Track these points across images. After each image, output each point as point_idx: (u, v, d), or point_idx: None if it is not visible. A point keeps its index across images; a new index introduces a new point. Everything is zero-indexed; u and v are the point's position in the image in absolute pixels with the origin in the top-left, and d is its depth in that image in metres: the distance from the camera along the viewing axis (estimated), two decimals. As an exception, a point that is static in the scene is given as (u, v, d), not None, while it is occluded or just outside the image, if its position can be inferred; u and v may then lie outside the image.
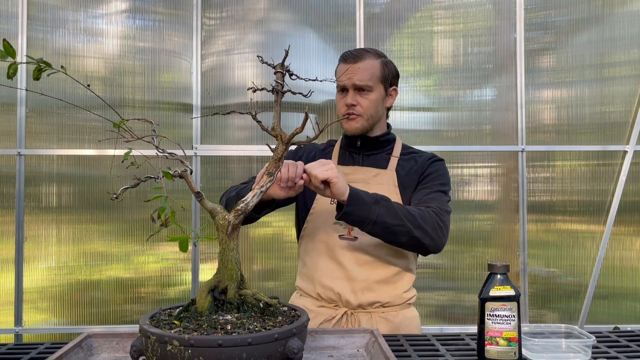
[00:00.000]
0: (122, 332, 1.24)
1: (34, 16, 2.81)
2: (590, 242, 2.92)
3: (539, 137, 2.93)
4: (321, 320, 1.64)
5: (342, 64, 1.71)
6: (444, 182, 1.70)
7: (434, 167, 1.72)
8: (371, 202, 1.47)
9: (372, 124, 1.71)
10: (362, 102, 1.67)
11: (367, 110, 1.68)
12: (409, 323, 1.68)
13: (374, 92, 1.69)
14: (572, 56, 2.93)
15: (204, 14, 2.88)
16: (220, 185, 2.87)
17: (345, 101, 1.67)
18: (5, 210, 2.80)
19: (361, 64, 1.67)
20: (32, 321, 2.80)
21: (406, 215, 1.50)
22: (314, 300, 1.69)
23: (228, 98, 2.91)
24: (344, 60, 1.70)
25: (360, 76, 1.66)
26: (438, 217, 1.55)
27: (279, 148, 1.16)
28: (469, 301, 2.89)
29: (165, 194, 1.02)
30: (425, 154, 1.76)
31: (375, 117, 1.71)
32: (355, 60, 1.68)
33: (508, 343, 1.18)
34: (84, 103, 2.75)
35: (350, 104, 1.67)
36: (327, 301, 1.67)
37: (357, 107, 1.67)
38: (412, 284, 1.71)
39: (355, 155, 1.74)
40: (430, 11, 2.94)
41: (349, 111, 1.67)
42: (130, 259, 2.84)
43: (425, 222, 1.52)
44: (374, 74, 1.68)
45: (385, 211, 1.48)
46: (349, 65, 1.67)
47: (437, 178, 1.69)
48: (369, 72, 1.68)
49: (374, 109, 1.69)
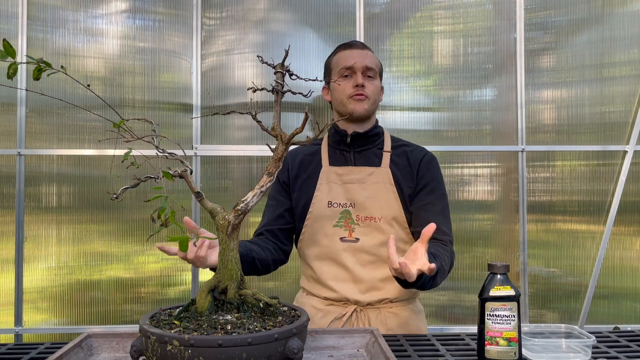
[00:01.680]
0: (122, 332, 1.24)
1: (34, 16, 2.81)
2: (590, 242, 2.92)
3: (539, 137, 2.93)
4: (331, 319, 1.65)
5: (347, 50, 1.73)
6: (443, 190, 1.72)
7: (430, 171, 1.70)
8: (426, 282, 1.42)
9: (374, 111, 1.74)
10: (369, 86, 1.70)
11: (373, 95, 1.71)
12: (416, 317, 1.70)
13: (377, 79, 1.74)
14: (572, 56, 2.93)
15: (204, 14, 2.88)
16: (220, 185, 2.87)
17: (357, 81, 1.67)
18: (5, 210, 2.80)
19: (368, 52, 1.74)
20: (32, 321, 2.80)
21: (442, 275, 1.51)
22: (322, 299, 1.69)
23: (228, 98, 2.91)
24: (351, 46, 1.74)
25: (370, 60, 1.71)
26: (453, 256, 1.64)
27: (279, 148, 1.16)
28: (469, 301, 2.89)
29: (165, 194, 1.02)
30: (417, 149, 1.75)
31: (376, 104, 1.75)
32: (363, 47, 1.75)
33: (508, 343, 1.18)
34: (84, 103, 2.75)
35: (361, 84, 1.68)
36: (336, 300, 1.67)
37: (365, 89, 1.69)
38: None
39: (347, 154, 1.73)
40: (430, 11, 2.94)
41: (359, 92, 1.68)
42: (130, 259, 2.84)
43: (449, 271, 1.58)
44: (377, 64, 1.75)
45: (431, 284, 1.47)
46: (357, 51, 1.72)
47: (437, 187, 1.70)
48: (375, 61, 1.74)
49: (377, 94, 1.75)
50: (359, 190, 1.66)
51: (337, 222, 1.66)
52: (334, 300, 1.67)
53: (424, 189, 1.67)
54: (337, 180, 1.68)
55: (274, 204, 1.76)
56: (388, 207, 1.64)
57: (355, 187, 1.66)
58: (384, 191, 1.65)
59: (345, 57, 1.71)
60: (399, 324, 1.65)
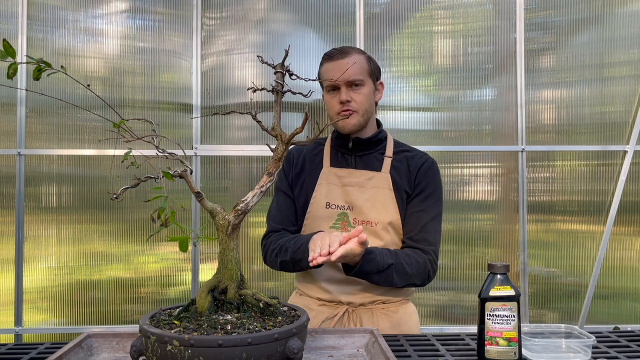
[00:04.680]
0: (122, 332, 1.24)
1: (34, 16, 2.81)
2: (590, 242, 2.92)
3: (539, 137, 2.93)
4: (323, 319, 1.65)
5: (328, 63, 1.67)
6: (438, 197, 1.70)
7: (428, 177, 1.69)
8: (374, 273, 1.54)
9: (367, 120, 1.68)
10: (356, 98, 1.64)
11: (362, 105, 1.65)
12: (409, 318, 1.70)
13: (365, 86, 1.66)
14: (572, 56, 2.93)
15: (204, 14, 2.88)
16: (220, 185, 2.87)
17: (340, 98, 1.63)
18: (5, 210, 2.80)
19: (349, 59, 1.64)
20: (32, 321, 2.80)
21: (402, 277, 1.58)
22: (314, 299, 1.69)
23: (228, 98, 2.91)
24: (330, 58, 1.67)
25: (351, 71, 1.63)
26: (432, 267, 1.64)
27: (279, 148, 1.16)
28: (469, 301, 2.89)
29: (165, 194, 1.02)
30: (417, 155, 1.73)
31: (369, 112, 1.68)
32: (343, 56, 1.65)
33: (508, 343, 1.18)
34: (84, 103, 2.75)
35: (345, 100, 1.63)
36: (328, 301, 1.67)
37: (351, 103, 1.64)
38: None
39: (348, 157, 1.72)
40: (430, 11, 2.94)
41: (345, 108, 1.64)
42: (130, 259, 2.84)
43: (417, 276, 1.61)
44: (362, 67, 1.66)
45: (384, 279, 1.57)
46: (336, 62, 1.65)
47: (432, 195, 1.68)
48: (359, 66, 1.65)
49: (367, 103, 1.67)
50: (357, 194, 1.66)
51: (334, 224, 1.66)
52: (326, 300, 1.67)
53: (419, 195, 1.67)
54: (337, 182, 1.68)
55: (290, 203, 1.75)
56: (385, 212, 1.64)
57: (354, 190, 1.66)
58: (382, 196, 1.65)
59: (327, 72, 1.66)
60: (391, 324, 1.64)
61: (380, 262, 1.52)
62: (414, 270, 1.59)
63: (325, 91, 1.70)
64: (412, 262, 1.59)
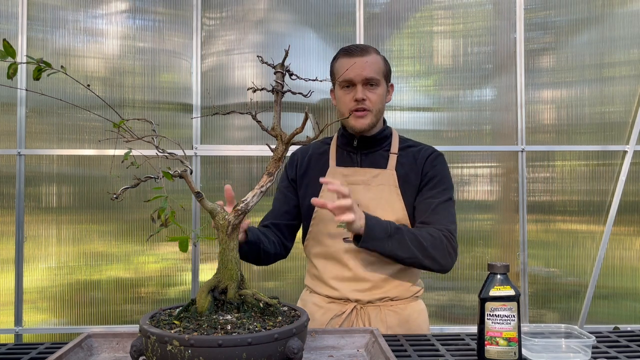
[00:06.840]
0: (122, 332, 1.24)
1: (34, 16, 2.81)
2: (590, 242, 2.92)
3: (538, 137, 2.93)
4: (331, 316, 1.65)
5: (346, 58, 1.64)
6: (447, 185, 1.68)
7: (435, 167, 1.69)
8: (384, 238, 1.49)
9: (378, 120, 1.68)
10: (372, 97, 1.63)
11: (376, 105, 1.64)
12: (418, 316, 1.69)
13: (380, 87, 1.65)
14: (572, 56, 2.93)
15: (204, 14, 2.88)
16: (220, 185, 2.87)
17: (356, 96, 1.61)
18: (5, 210, 2.80)
19: (369, 58, 1.63)
20: (32, 321, 2.80)
21: (417, 246, 1.52)
22: (323, 297, 1.70)
23: (228, 98, 2.91)
24: (349, 54, 1.64)
25: (370, 69, 1.61)
26: (449, 243, 1.56)
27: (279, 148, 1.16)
28: (469, 301, 2.89)
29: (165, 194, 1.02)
30: (423, 148, 1.73)
31: (381, 113, 1.68)
32: (363, 53, 1.63)
33: (508, 343, 1.18)
34: (84, 103, 2.75)
35: (361, 98, 1.61)
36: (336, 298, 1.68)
37: (366, 102, 1.62)
38: (418, 277, 1.72)
39: (353, 155, 1.72)
40: (430, 11, 2.94)
41: (359, 106, 1.62)
42: (130, 259, 2.84)
43: (436, 250, 1.54)
44: (380, 68, 1.65)
45: (397, 245, 1.51)
46: (356, 59, 1.62)
47: (441, 182, 1.67)
48: (377, 66, 1.64)
49: (381, 103, 1.66)
50: (363, 192, 1.66)
51: (340, 223, 1.66)
52: (335, 298, 1.68)
53: (428, 184, 1.67)
54: (343, 181, 1.68)
55: (282, 199, 1.76)
56: (391, 210, 1.65)
57: (360, 189, 1.66)
58: (388, 193, 1.65)
59: (343, 67, 1.64)
60: (399, 322, 1.65)
61: (385, 223, 1.51)
62: (429, 243, 1.53)
63: (338, 87, 1.67)
64: (424, 235, 1.54)
